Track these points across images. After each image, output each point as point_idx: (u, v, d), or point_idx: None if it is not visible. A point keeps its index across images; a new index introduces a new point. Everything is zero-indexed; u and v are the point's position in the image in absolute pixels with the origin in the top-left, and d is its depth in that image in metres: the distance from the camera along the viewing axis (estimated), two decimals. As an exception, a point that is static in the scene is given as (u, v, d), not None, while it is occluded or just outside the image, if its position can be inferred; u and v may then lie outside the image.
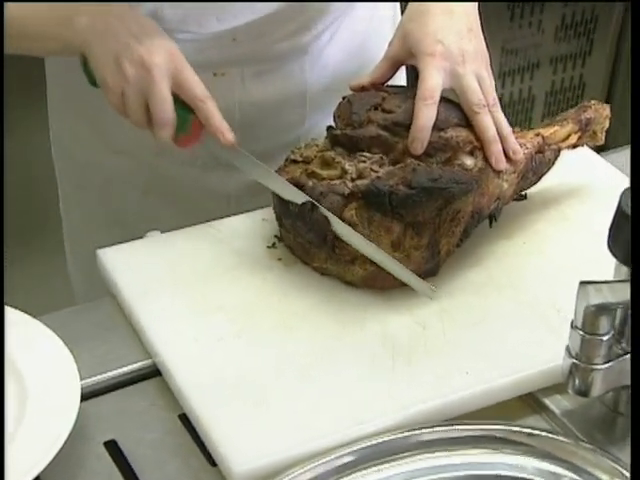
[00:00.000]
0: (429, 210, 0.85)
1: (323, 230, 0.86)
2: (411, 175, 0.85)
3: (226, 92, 1.02)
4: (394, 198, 0.84)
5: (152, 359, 0.84)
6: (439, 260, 0.88)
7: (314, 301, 0.88)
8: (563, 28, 2.14)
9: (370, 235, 0.85)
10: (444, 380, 0.80)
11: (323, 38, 1.04)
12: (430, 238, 0.86)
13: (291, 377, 0.80)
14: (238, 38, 0.99)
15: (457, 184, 0.85)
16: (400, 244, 0.85)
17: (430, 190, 0.84)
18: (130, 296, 0.88)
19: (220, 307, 0.87)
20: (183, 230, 0.96)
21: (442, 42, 0.90)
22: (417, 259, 0.86)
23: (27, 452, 0.72)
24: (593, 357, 0.75)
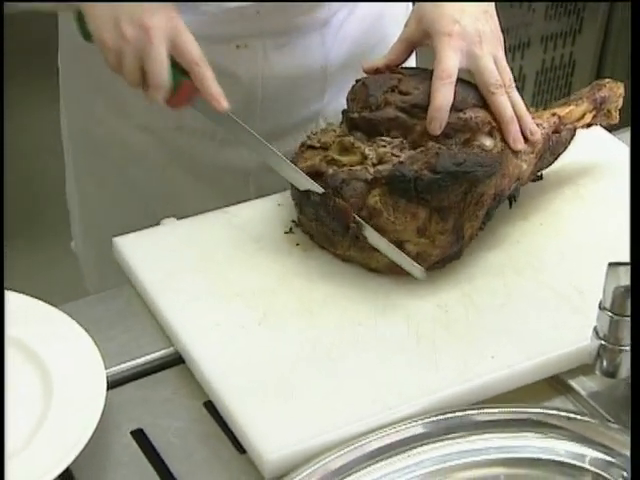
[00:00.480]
0: (454, 194, 0.84)
1: (345, 219, 0.85)
2: (435, 159, 0.84)
3: (249, 64, 1.01)
4: (419, 183, 0.83)
5: (174, 347, 0.83)
6: (463, 244, 0.87)
7: (335, 287, 0.87)
8: (553, 6, 2.14)
9: (395, 222, 0.84)
10: (469, 364, 0.79)
11: (343, 12, 1.04)
12: (455, 222, 0.85)
13: (316, 363, 0.80)
14: (261, 10, 0.99)
15: (481, 167, 0.85)
16: (426, 229, 0.84)
17: (455, 174, 0.84)
18: (150, 284, 0.87)
19: (240, 294, 0.86)
20: (199, 216, 0.95)
21: (459, 22, 0.89)
22: (442, 244, 0.85)
23: (55, 444, 0.71)
24: (621, 338, 0.75)
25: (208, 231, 0.93)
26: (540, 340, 0.81)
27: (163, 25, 0.86)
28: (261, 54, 1.01)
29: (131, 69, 0.87)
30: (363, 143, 0.88)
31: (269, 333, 0.82)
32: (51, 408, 0.74)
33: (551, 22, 2.15)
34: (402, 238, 0.85)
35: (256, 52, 1.01)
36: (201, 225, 0.93)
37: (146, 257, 0.89)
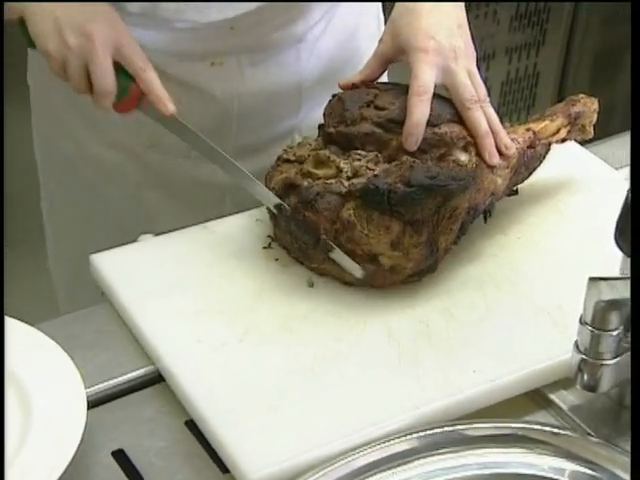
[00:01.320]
0: (428, 208, 0.84)
1: (316, 232, 0.85)
2: (409, 173, 0.84)
3: (224, 81, 1.01)
4: (393, 196, 0.83)
5: (154, 365, 0.82)
6: (438, 257, 0.87)
7: (315, 302, 0.86)
8: (517, 18, 2.15)
9: (369, 234, 0.84)
10: (451, 379, 0.79)
11: (318, 28, 1.04)
12: (429, 235, 0.85)
13: (298, 380, 0.79)
14: (236, 27, 0.98)
15: (455, 181, 0.85)
16: (399, 242, 0.84)
17: (429, 188, 0.84)
18: (128, 301, 0.85)
19: (221, 310, 0.85)
20: (177, 232, 0.94)
21: (434, 38, 0.89)
22: (416, 257, 0.85)
23: (36, 466, 0.70)
24: (602, 353, 0.75)
25: (186, 247, 0.91)
26: (521, 354, 0.81)
27: (106, 32, 0.85)
28: (236, 71, 1.00)
29: (76, 77, 0.86)
30: (338, 157, 0.88)
31: (250, 350, 0.81)
32: (31, 429, 0.72)
33: (515, 34, 2.17)
34: (376, 251, 0.85)
35: (231, 69, 1.00)
36: (179, 241, 0.92)
37: (124, 274, 0.88)
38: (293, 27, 1.01)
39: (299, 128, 1.08)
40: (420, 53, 0.88)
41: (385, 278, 0.86)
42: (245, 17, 0.97)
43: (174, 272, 0.89)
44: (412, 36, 0.89)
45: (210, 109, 0.97)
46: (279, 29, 1.00)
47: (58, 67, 0.87)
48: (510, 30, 2.16)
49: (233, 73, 1.00)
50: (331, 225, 0.85)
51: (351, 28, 1.08)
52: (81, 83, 0.86)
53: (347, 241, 0.85)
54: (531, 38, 2.20)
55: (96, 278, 0.89)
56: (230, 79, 1.00)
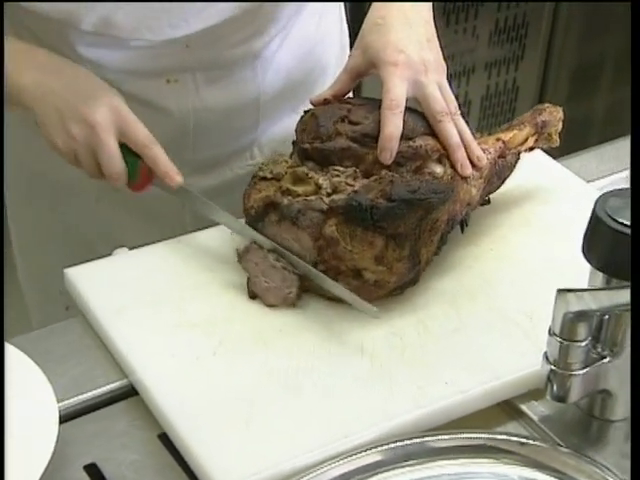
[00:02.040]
0: (410, 221, 0.84)
1: (311, 239, 0.85)
2: (389, 187, 0.84)
3: (180, 99, 1.00)
4: (376, 212, 0.83)
5: (127, 379, 0.82)
6: (419, 269, 0.87)
7: (290, 315, 0.86)
8: (496, 33, 2.17)
9: (353, 250, 0.84)
10: (424, 391, 0.79)
11: (274, 43, 1.03)
12: (411, 249, 0.85)
13: (272, 392, 0.79)
14: (191, 44, 0.97)
15: (436, 194, 0.85)
16: (383, 257, 0.84)
17: (410, 202, 0.84)
18: (102, 315, 0.85)
19: (195, 324, 0.85)
20: (151, 246, 0.94)
21: (404, 52, 0.90)
22: (400, 270, 0.85)
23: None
24: (571, 363, 0.75)
25: (161, 261, 0.91)
26: (492, 365, 0.81)
27: (108, 117, 0.87)
28: (192, 88, 1.00)
29: (87, 165, 0.88)
30: (317, 173, 0.88)
31: (224, 363, 0.81)
32: (2, 443, 0.71)
33: (495, 49, 2.18)
34: (360, 266, 0.85)
35: (187, 86, 1.00)
36: (154, 255, 0.92)
37: (98, 288, 0.88)
38: (249, 44, 1.01)
39: (258, 142, 1.07)
40: (390, 67, 0.89)
41: (370, 293, 0.86)
42: (200, 35, 0.96)
43: (148, 286, 0.88)
44: (382, 50, 0.89)
45: (167, 125, 0.97)
46: (235, 46, 1.00)
47: (71, 158, 0.89)
48: (489, 45, 2.17)
49: (189, 90, 1.00)
50: (314, 242, 0.85)
51: (310, 41, 1.07)
52: (94, 169, 0.89)
53: (331, 257, 0.85)
54: (510, 53, 2.21)
55: (70, 291, 0.89)
56: (186, 96, 1.00)
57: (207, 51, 0.99)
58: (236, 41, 1.00)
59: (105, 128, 0.87)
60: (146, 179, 0.90)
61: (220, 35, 0.98)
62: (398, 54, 0.89)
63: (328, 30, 1.10)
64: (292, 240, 0.86)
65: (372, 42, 0.91)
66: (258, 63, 1.02)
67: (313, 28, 1.07)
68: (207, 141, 1.03)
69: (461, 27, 2.12)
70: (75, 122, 0.87)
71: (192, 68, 0.99)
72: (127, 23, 0.93)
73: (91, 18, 0.91)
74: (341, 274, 0.85)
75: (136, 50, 0.96)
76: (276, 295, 0.86)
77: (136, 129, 0.88)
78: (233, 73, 1.01)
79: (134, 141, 0.88)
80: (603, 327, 0.76)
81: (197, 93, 1.00)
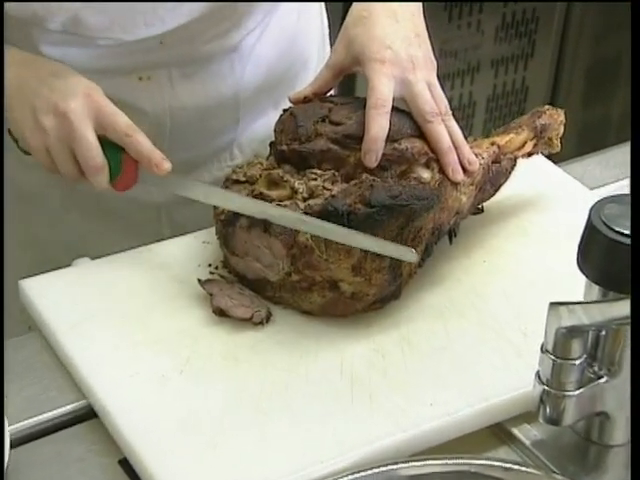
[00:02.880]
0: (390, 229, 0.85)
1: (284, 247, 0.86)
2: (369, 192, 0.85)
3: (154, 97, 1.01)
4: (353, 218, 0.84)
5: (87, 399, 0.83)
6: (401, 282, 0.88)
7: (263, 331, 0.87)
8: (503, 28, 2.17)
9: (328, 259, 0.85)
10: (407, 412, 0.80)
11: (253, 35, 1.05)
12: (392, 259, 0.86)
13: (242, 415, 0.80)
14: (165, 41, 0.99)
15: (418, 200, 0.86)
16: (361, 267, 0.85)
17: (391, 208, 0.85)
18: (60, 330, 0.86)
19: (161, 340, 0.86)
20: (115, 256, 0.95)
21: (391, 48, 0.91)
22: (379, 282, 0.86)
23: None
24: (565, 383, 0.76)
25: (125, 272, 0.92)
26: (482, 386, 0.82)
27: (82, 106, 0.86)
28: (167, 85, 1.01)
29: (63, 162, 0.86)
30: (292, 176, 0.89)
31: (191, 382, 0.82)
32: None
33: (502, 45, 2.19)
34: (336, 277, 0.86)
35: (161, 83, 1.01)
36: (118, 265, 0.93)
37: (56, 301, 0.89)
38: (226, 38, 1.02)
39: (238, 142, 1.09)
40: (376, 64, 0.90)
41: (347, 306, 0.87)
42: (174, 32, 0.97)
43: (111, 299, 0.89)
44: (367, 46, 0.91)
45: (140, 125, 0.96)
46: (211, 41, 1.01)
47: (45, 158, 0.87)
48: (496, 41, 2.18)
49: (163, 87, 1.01)
50: (288, 250, 0.86)
51: (290, 34, 1.09)
52: (70, 167, 0.87)
53: (305, 267, 0.86)
54: (519, 50, 2.22)
55: (26, 305, 0.90)
56: (160, 93, 1.01)
57: (182, 47, 1.00)
58: (212, 35, 1.01)
59: (79, 116, 0.85)
60: (131, 174, 0.89)
61: (196, 30, 0.99)
62: (384, 50, 0.90)
63: (309, 21, 1.12)
64: (263, 248, 0.87)
65: (356, 37, 0.92)
66: (236, 56, 1.04)
67: (294, 19, 1.09)
68: (184, 142, 1.04)
69: (465, 22, 2.13)
70: (46, 113, 0.85)
71: (166, 64, 1.00)
72: (98, 22, 0.94)
73: (60, 17, 0.92)
74: (316, 285, 0.86)
75: (105, 48, 0.97)
76: (244, 311, 0.87)
77: (115, 117, 0.87)
78: (210, 68, 1.03)
79: (113, 130, 0.87)
80: (600, 344, 0.77)
81: (172, 90, 1.02)
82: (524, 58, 2.23)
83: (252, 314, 0.86)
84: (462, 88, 2.19)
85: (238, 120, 1.07)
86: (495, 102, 2.26)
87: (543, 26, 2.22)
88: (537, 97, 2.29)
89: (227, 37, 1.02)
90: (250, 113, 1.07)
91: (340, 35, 0.95)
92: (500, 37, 2.17)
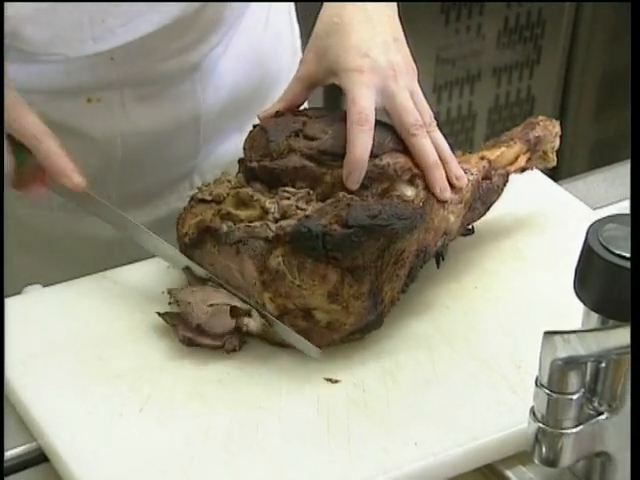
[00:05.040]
0: (369, 252, 0.86)
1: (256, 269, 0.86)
2: (346, 212, 0.86)
3: (104, 121, 1.01)
4: (328, 240, 0.85)
5: (37, 442, 0.83)
6: (383, 309, 0.89)
7: (232, 364, 0.88)
8: (506, 33, 2.19)
9: (302, 285, 0.86)
10: (389, 453, 0.81)
11: (216, 52, 1.05)
12: (371, 285, 0.87)
13: (209, 457, 0.80)
14: (116, 58, 0.98)
15: (400, 220, 0.87)
16: (337, 294, 0.86)
17: (370, 228, 0.86)
18: (7, 365, 0.86)
19: (119, 375, 0.86)
20: (70, 282, 0.96)
21: (369, 55, 0.91)
22: (358, 310, 0.87)
23: None
24: (562, 420, 0.77)
25: (82, 300, 0.93)
26: (471, 423, 0.83)
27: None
28: (118, 108, 1.01)
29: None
30: (263, 195, 0.90)
31: (153, 421, 0.83)
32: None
33: (504, 51, 2.21)
34: (310, 305, 0.87)
35: (112, 106, 1.00)
36: (72, 293, 0.94)
37: (4, 332, 0.90)
38: (186, 55, 1.02)
39: (200, 169, 1.09)
40: (354, 74, 0.91)
41: (322, 337, 0.88)
42: (127, 47, 0.97)
43: (65, 330, 0.90)
44: (342, 55, 0.91)
45: (88, 154, 0.96)
46: (170, 58, 1.01)
47: None
48: (498, 47, 2.19)
49: (114, 111, 1.01)
50: (258, 276, 0.87)
51: (257, 49, 1.09)
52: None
53: (276, 294, 0.87)
54: (523, 56, 2.23)
55: (-30, 338, 0.91)
56: (111, 118, 1.01)
57: (136, 64, 0.99)
58: (171, 52, 1.01)
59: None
60: (43, 180, 0.89)
61: (152, 46, 0.99)
62: (362, 59, 0.91)
63: (278, 34, 1.13)
64: (234, 271, 0.88)
65: (329, 46, 0.93)
66: (197, 76, 1.04)
67: (260, 30, 1.09)
68: (138, 171, 1.05)
69: (463, 25, 2.14)
70: None
71: (118, 85, 1.00)
72: (40, 36, 0.93)
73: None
74: (288, 314, 0.87)
75: (49, 65, 0.97)
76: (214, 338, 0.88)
77: (24, 117, 0.87)
78: (168, 89, 1.03)
79: (22, 133, 0.86)
80: (599, 377, 0.78)
81: (125, 114, 1.01)
82: (529, 65, 2.25)
83: (223, 342, 0.87)
84: (461, 99, 2.21)
85: (199, 146, 1.08)
86: (498, 114, 2.27)
87: (550, 30, 2.23)
88: (544, 108, 2.30)
89: (187, 54, 1.02)
90: (213, 138, 1.08)
91: (310, 44, 0.95)
92: (503, 42, 2.19)
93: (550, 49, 2.25)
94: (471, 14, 2.13)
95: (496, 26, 2.17)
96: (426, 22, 2.08)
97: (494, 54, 2.19)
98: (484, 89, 2.22)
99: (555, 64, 2.27)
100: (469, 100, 2.22)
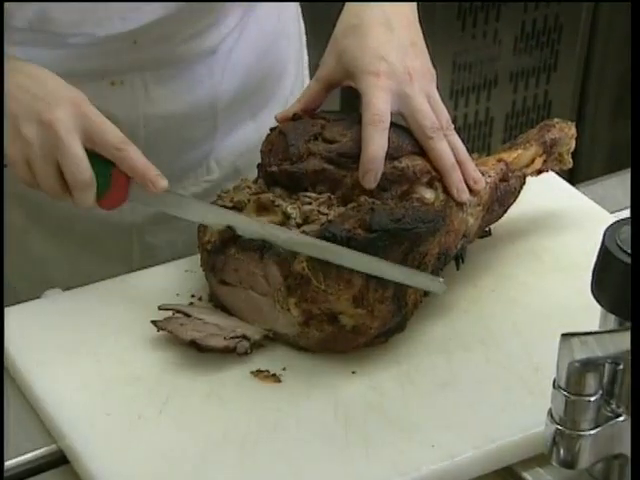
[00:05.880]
0: (393, 256, 0.86)
1: (281, 274, 0.86)
2: (369, 216, 0.86)
3: (127, 103, 1.03)
4: (353, 244, 0.85)
5: (57, 444, 0.84)
6: (406, 313, 0.90)
7: (250, 366, 0.88)
8: (523, 38, 2.19)
9: (327, 290, 0.86)
10: (407, 455, 0.81)
11: (232, 37, 1.07)
12: (396, 288, 0.87)
13: (226, 459, 0.81)
14: (139, 40, 1.00)
15: (423, 223, 0.87)
16: (363, 298, 0.86)
17: (394, 232, 0.86)
18: (28, 368, 0.87)
19: (138, 377, 0.87)
20: (89, 287, 0.96)
21: (385, 59, 0.92)
22: (382, 314, 0.87)
23: None
24: (579, 422, 0.77)
25: (100, 304, 0.94)
26: (489, 426, 0.83)
27: (68, 116, 0.86)
28: (141, 90, 1.03)
29: (45, 176, 0.87)
30: (284, 200, 0.90)
31: (171, 423, 0.83)
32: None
33: (521, 56, 2.20)
34: (336, 309, 0.87)
35: (135, 88, 1.03)
36: (92, 297, 0.95)
37: (24, 336, 0.90)
38: (204, 38, 1.04)
39: (215, 154, 1.11)
40: (370, 77, 0.92)
41: (348, 341, 0.88)
42: (150, 28, 0.99)
43: (84, 333, 0.91)
44: (360, 58, 0.92)
45: None
46: (188, 41, 1.03)
47: (24, 172, 0.87)
48: (515, 52, 2.19)
49: (137, 93, 1.03)
50: (283, 281, 0.87)
51: (269, 36, 1.12)
52: (53, 184, 0.87)
53: (301, 299, 0.87)
54: (540, 61, 2.23)
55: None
56: (134, 100, 1.03)
57: (157, 47, 1.02)
58: (190, 35, 1.03)
59: (66, 126, 0.86)
60: (120, 191, 0.90)
61: (172, 29, 1.01)
62: (379, 62, 0.92)
63: (287, 23, 1.15)
64: (259, 276, 0.88)
65: (348, 47, 0.94)
66: (214, 59, 1.06)
67: (272, 21, 1.12)
68: (159, 154, 1.04)
69: (480, 31, 2.14)
70: (29, 122, 0.86)
71: (140, 67, 1.02)
72: (68, 16, 0.95)
73: (25, 12, 0.94)
74: (313, 319, 0.87)
75: (75, 48, 0.99)
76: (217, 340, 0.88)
77: (104, 128, 0.88)
78: (187, 71, 1.05)
79: (103, 143, 0.88)
80: (617, 378, 0.78)
81: (147, 96, 1.04)
82: (546, 71, 2.24)
83: (234, 345, 0.88)
84: (478, 104, 2.20)
85: (215, 129, 1.10)
86: (515, 119, 2.27)
87: (567, 35, 2.23)
88: (561, 113, 2.28)
89: (205, 37, 1.04)
90: (227, 122, 1.09)
91: (330, 46, 0.96)
92: (519, 48, 2.19)
93: (567, 54, 2.24)
94: (488, 19, 2.13)
95: (513, 31, 2.17)
96: (443, 28, 2.08)
97: (511, 59, 2.19)
98: (501, 95, 2.21)
99: (572, 69, 2.27)
100: (486, 106, 2.21)
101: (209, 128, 1.09)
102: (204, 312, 0.92)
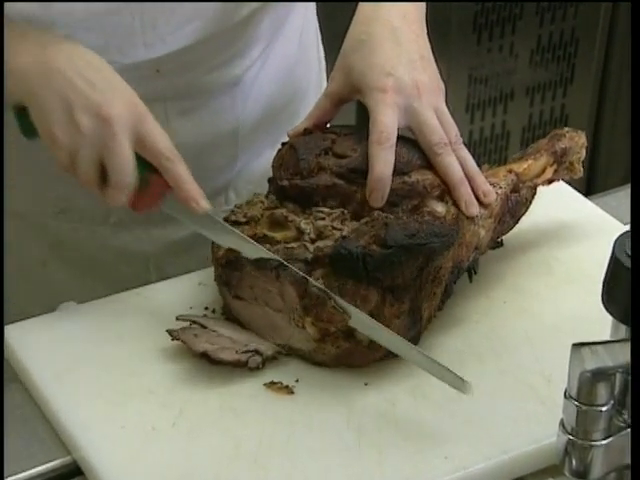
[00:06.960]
0: (409, 271, 0.86)
1: (297, 294, 0.87)
2: (384, 231, 0.87)
3: None
4: (368, 261, 0.85)
5: (72, 456, 0.85)
6: (421, 327, 0.90)
7: (263, 379, 0.89)
8: (539, 51, 2.19)
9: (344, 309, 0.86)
10: (419, 467, 0.81)
11: (255, 66, 1.07)
12: (411, 303, 0.88)
13: (241, 470, 0.81)
14: (162, 69, 1.00)
15: (438, 237, 0.88)
16: (379, 314, 0.86)
17: (409, 247, 0.86)
18: (43, 380, 0.88)
19: (152, 390, 0.88)
20: (104, 299, 0.97)
21: (393, 74, 0.92)
22: (398, 328, 0.87)
23: None
24: (591, 432, 0.77)
25: (115, 317, 0.95)
26: (501, 437, 0.84)
27: (125, 114, 0.87)
28: (162, 120, 1.00)
29: (87, 167, 0.87)
30: (298, 216, 0.91)
31: (185, 435, 0.84)
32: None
33: (538, 70, 2.20)
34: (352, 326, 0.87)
35: (156, 118, 1.00)
36: (106, 310, 0.96)
37: (39, 349, 0.91)
38: (228, 68, 1.04)
39: (235, 184, 1.11)
40: (377, 93, 0.92)
41: (363, 356, 0.89)
42: (174, 57, 0.99)
43: (99, 346, 0.92)
44: (367, 73, 0.93)
45: None
46: (212, 71, 1.03)
47: (66, 157, 0.87)
48: (531, 66, 2.19)
49: (158, 123, 1.02)
50: (299, 301, 0.87)
51: (291, 61, 1.11)
52: (92, 175, 0.87)
53: (317, 319, 0.87)
54: (557, 75, 2.22)
55: (6, 353, 0.92)
56: None
57: (181, 77, 1.02)
58: (214, 65, 1.03)
59: (122, 127, 0.86)
60: (155, 197, 0.90)
61: (196, 58, 1.01)
62: (386, 77, 0.92)
63: (307, 50, 1.15)
64: (275, 294, 0.88)
65: (355, 62, 0.94)
66: (237, 90, 1.06)
67: (295, 46, 1.12)
68: None
69: (496, 45, 2.14)
70: (85, 112, 0.86)
71: (162, 97, 1.02)
72: (93, 42, 0.94)
73: None
74: (329, 335, 0.87)
75: None
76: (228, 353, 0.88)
77: (157, 134, 0.88)
78: (210, 102, 1.05)
79: (154, 150, 0.88)
80: (628, 388, 0.79)
81: (168, 126, 1.02)
82: (563, 84, 2.24)
83: (247, 359, 0.88)
84: (494, 118, 2.20)
85: (236, 159, 1.10)
86: (531, 133, 2.26)
87: (583, 48, 2.22)
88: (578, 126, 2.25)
89: (229, 68, 1.04)
90: (248, 151, 1.09)
91: (338, 61, 0.96)
92: (536, 61, 2.19)
93: (583, 67, 2.24)
94: (503, 33, 2.13)
95: (529, 45, 2.17)
96: (458, 42, 2.08)
97: (527, 73, 2.19)
98: (517, 108, 2.21)
99: (589, 82, 2.26)
100: (502, 119, 2.21)
101: (229, 158, 1.09)
102: (220, 324, 0.92)
